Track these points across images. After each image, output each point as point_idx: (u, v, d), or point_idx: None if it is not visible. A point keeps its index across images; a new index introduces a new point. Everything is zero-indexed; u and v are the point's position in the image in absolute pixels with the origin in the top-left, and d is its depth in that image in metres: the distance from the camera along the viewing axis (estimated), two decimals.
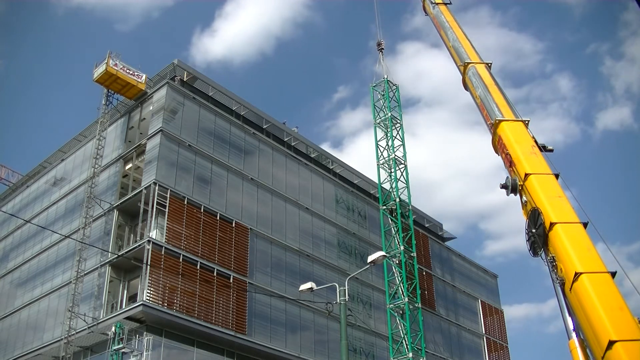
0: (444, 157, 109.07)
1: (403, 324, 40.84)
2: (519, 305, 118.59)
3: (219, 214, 34.89)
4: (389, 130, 44.94)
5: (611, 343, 10.77)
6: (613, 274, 12.11)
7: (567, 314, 12.73)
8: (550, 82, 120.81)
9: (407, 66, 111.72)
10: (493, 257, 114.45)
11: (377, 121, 45.82)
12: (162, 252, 31.15)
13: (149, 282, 30.26)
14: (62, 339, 31.55)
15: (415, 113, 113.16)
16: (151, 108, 35.98)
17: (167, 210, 32.34)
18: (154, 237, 31.56)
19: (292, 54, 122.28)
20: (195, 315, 31.23)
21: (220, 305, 32.67)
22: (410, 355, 39.78)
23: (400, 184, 44.45)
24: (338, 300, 19.22)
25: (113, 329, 28.98)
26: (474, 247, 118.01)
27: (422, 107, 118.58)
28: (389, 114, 45.25)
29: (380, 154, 45.17)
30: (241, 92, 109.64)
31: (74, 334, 31.18)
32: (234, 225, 35.46)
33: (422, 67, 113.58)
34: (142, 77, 36.71)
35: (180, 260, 31.77)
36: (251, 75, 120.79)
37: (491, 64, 19.34)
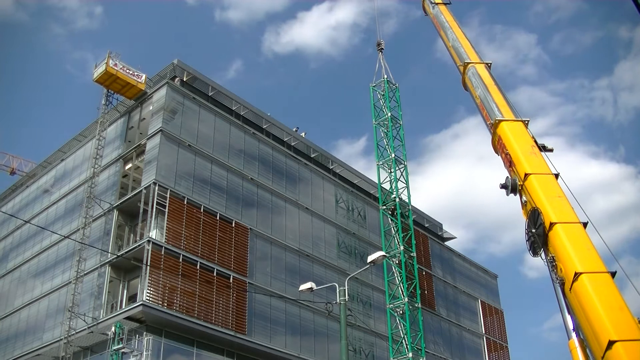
0: None
1: (403, 324, 40.84)
2: None
3: (218, 214, 34.88)
4: (388, 130, 44.97)
5: (611, 343, 10.76)
6: (613, 274, 12.10)
7: (566, 314, 12.73)
8: None
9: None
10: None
11: (377, 121, 45.86)
12: (162, 252, 31.14)
13: (148, 282, 30.25)
14: (62, 339, 31.54)
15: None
16: (151, 108, 35.97)
17: (167, 210, 32.33)
18: (154, 237, 31.55)
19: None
20: (195, 315, 31.22)
21: (220, 305, 32.66)
22: (410, 355, 39.78)
23: (400, 184, 44.51)
24: (338, 300, 19.21)
25: (113, 329, 28.94)
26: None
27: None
28: (389, 114, 45.28)
29: (380, 154, 45.25)
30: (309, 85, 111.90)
31: (73, 334, 31.17)
32: (233, 225, 35.45)
33: None
34: (141, 77, 36.70)
35: (180, 260, 31.77)
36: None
37: (491, 63, 19.31)
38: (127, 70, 36.07)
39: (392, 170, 44.40)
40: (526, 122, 16.22)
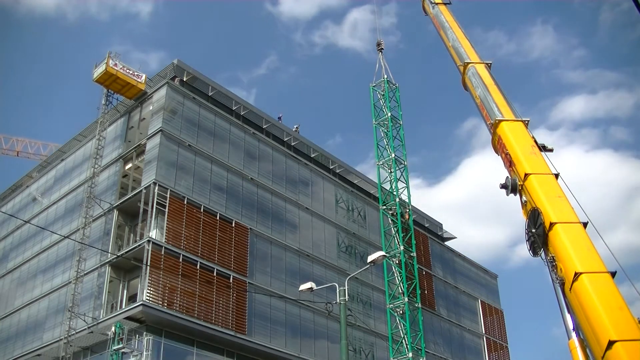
0: None
1: (403, 324, 40.84)
2: None
3: (218, 214, 34.88)
4: (388, 130, 44.98)
5: (611, 343, 10.75)
6: (613, 274, 12.10)
7: (567, 314, 12.73)
8: None
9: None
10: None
11: (377, 121, 45.87)
12: (162, 252, 31.14)
13: (148, 282, 30.26)
14: (62, 339, 31.54)
15: None
16: (151, 108, 35.98)
17: (167, 210, 32.33)
18: (154, 237, 31.55)
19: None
20: (195, 315, 31.23)
21: (220, 305, 32.66)
22: (410, 355, 39.78)
23: (400, 184, 44.52)
24: (338, 300, 19.20)
25: (113, 329, 28.97)
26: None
27: None
28: (389, 114, 45.28)
29: (380, 154, 45.26)
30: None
31: (73, 334, 31.17)
32: (233, 225, 35.45)
33: None
34: (141, 77, 36.71)
35: (180, 260, 31.77)
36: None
37: (491, 63, 19.29)
38: (127, 70, 36.08)
39: (392, 170, 44.43)
40: (526, 122, 16.22)
